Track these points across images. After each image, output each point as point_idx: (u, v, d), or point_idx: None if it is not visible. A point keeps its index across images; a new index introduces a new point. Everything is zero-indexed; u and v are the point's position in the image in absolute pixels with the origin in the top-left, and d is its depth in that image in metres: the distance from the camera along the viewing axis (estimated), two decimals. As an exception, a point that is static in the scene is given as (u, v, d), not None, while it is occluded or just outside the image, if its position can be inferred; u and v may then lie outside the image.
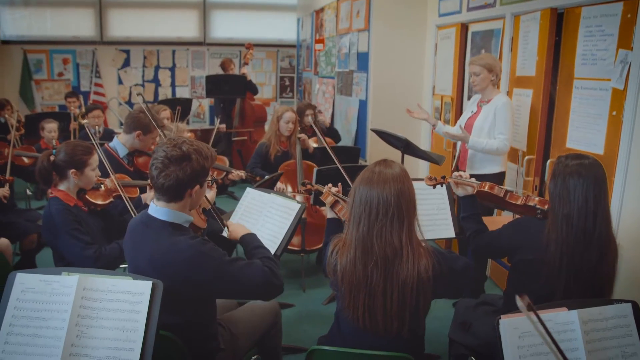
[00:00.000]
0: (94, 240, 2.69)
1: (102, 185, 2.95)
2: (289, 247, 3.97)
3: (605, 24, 3.07)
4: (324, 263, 2.07)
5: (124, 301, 1.75)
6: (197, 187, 1.99)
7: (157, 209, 1.99)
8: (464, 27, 4.74)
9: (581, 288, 2.10)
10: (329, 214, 2.51)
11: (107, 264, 2.60)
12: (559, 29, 3.52)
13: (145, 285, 1.76)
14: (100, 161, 2.99)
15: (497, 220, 2.94)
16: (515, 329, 1.67)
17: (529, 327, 1.66)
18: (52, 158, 2.72)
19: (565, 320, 1.71)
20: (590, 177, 2.06)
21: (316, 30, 7.78)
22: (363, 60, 5.88)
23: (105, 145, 3.53)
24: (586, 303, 1.77)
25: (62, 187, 2.74)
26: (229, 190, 6.74)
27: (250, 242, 2.29)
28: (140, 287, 1.76)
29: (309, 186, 2.83)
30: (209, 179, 2.11)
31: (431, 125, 3.96)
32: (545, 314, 1.72)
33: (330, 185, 2.62)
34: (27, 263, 3.84)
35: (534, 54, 3.69)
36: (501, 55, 4.13)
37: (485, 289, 3.79)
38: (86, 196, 2.83)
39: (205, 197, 2.55)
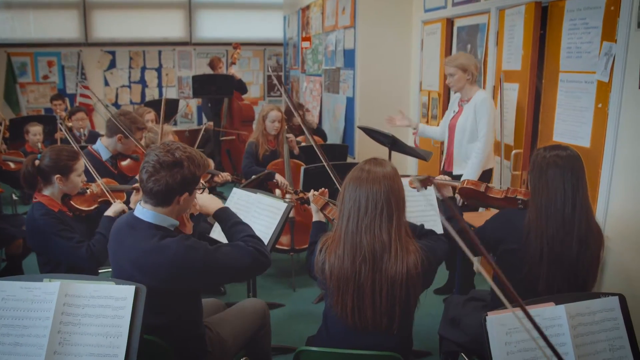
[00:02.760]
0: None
1: (87, 190, 2.90)
2: (278, 246, 3.96)
3: (589, 16, 3.07)
4: (311, 263, 2.06)
5: (106, 306, 1.73)
6: (186, 194, 1.97)
7: (144, 211, 1.97)
8: (450, 22, 4.73)
9: (563, 277, 2.12)
10: (315, 216, 2.50)
11: (101, 255, 2.58)
12: (544, 22, 3.52)
13: (128, 290, 1.74)
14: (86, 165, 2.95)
15: (484, 215, 2.94)
16: (503, 325, 1.66)
17: (516, 323, 1.66)
18: (36, 163, 2.67)
19: (552, 315, 1.71)
20: (568, 167, 2.10)
21: (302, 28, 7.75)
22: (349, 57, 5.86)
23: (89, 147, 3.49)
24: (573, 297, 1.78)
25: (46, 192, 2.70)
26: (217, 191, 6.70)
27: (227, 218, 2.25)
28: (123, 291, 1.74)
29: (301, 194, 2.87)
30: (199, 186, 2.08)
31: (412, 129, 3.96)
32: (532, 309, 1.71)
33: (321, 190, 2.62)
34: (13, 269, 3.78)
35: (520, 48, 3.69)
36: (487, 49, 4.13)
37: (475, 284, 3.79)
38: (71, 202, 2.77)
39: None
